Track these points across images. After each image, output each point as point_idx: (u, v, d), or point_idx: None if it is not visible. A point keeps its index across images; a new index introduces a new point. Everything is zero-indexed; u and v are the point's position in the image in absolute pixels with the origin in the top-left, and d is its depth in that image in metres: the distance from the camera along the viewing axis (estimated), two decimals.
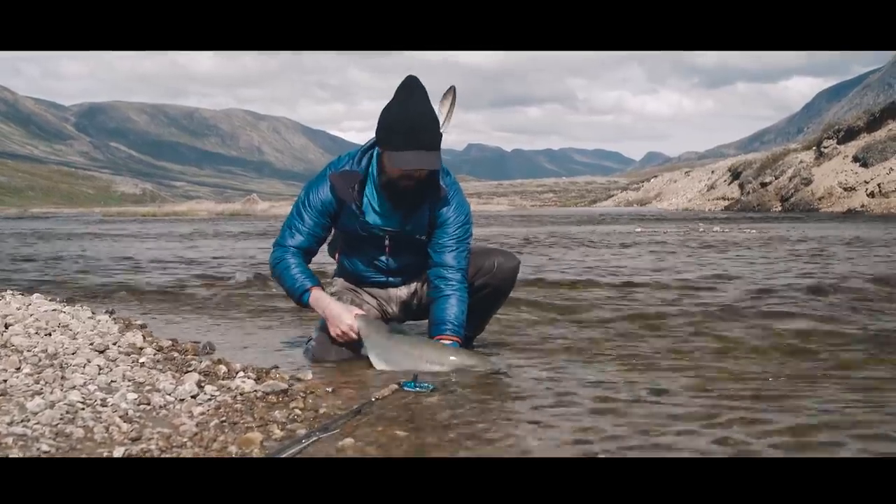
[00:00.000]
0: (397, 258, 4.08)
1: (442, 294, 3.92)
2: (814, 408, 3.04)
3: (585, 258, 11.11)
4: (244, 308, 6.23)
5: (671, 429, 2.77)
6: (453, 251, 3.97)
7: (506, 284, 4.24)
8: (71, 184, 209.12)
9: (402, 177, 3.78)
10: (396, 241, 4.01)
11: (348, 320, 3.87)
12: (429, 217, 3.97)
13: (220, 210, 54.67)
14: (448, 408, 3.09)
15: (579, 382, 3.54)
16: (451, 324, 3.86)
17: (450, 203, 3.98)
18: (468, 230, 4.05)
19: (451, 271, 3.94)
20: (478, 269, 4.11)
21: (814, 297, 6.27)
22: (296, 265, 4.00)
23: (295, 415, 2.94)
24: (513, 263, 4.22)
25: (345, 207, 3.95)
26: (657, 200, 63.02)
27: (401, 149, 3.68)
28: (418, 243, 4.02)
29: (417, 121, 3.67)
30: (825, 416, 2.90)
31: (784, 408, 3.04)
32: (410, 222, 3.96)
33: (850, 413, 2.96)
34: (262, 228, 25.19)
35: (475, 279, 4.10)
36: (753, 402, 3.13)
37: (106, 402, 2.94)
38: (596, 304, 6.06)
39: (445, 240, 3.97)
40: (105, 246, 15.58)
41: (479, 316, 4.29)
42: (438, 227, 3.98)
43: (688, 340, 4.64)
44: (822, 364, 3.93)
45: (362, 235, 4.00)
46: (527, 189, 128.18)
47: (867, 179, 33.06)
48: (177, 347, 4.11)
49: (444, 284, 3.93)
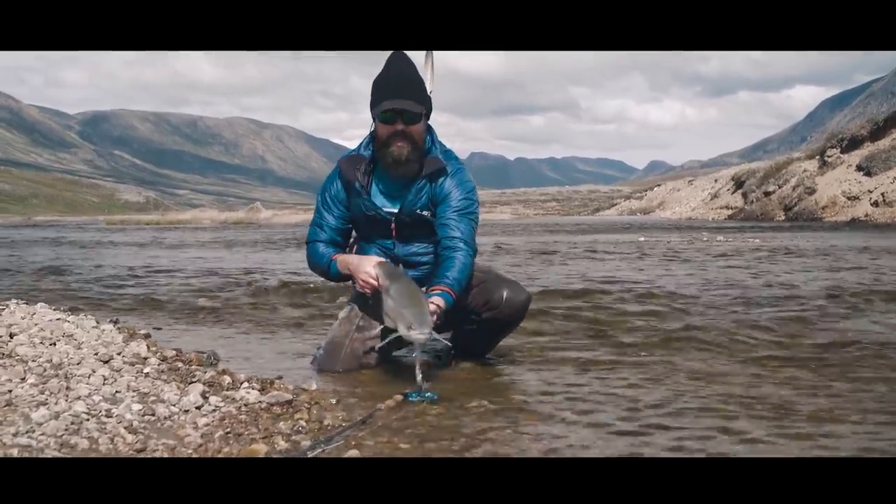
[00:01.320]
0: (406, 244, 4.06)
1: (446, 257, 3.89)
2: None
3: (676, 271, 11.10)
4: (249, 318, 6.23)
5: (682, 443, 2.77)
6: (458, 222, 3.94)
7: (514, 319, 4.18)
8: (74, 192, 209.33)
9: (390, 136, 3.88)
10: (401, 224, 4.02)
11: (367, 268, 3.86)
12: (429, 191, 3.99)
13: (224, 218, 54.68)
14: (452, 418, 3.10)
15: (587, 393, 3.54)
16: (448, 278, 3.79)
17: (452, 177, 4.01)
18: (470, 204, 4.02)
19: (456, 241, 3.90)
20: (486, 302, 4.06)
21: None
22: (322, 247, 4.12)
23: (300, 426, 2.94)
24: (522, 297, 4.12)
25: (352, 190, 4.04)
26: (660, 209, 62.96)
27: (381, 100, 3.87)
28: (425, 225, 4.01)
29: (396, 74, 3.91)
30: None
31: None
32: (409, 196, 3.98)
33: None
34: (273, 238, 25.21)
35: (483, 311, 4.07)
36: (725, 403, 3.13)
37: (111, 413, 2.94)
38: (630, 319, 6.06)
39: (448, 212, 3.96)
40: (146, 254, 15.60)
41: (488, 341, 4.31)
42: (441, 202, 3.99)
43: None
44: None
45: (368, 217, 4.03)
46: (530, 198, 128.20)
47: (871, 188, 33.01)
48: (181, 357, 4.11)
49: (450, 252, 3.89)
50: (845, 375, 3.92)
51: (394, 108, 3.85)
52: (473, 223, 4.02)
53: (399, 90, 3.87)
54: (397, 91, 3.87)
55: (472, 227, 4.00)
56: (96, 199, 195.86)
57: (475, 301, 4.06)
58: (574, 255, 13.50)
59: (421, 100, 3.93)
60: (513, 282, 4.20)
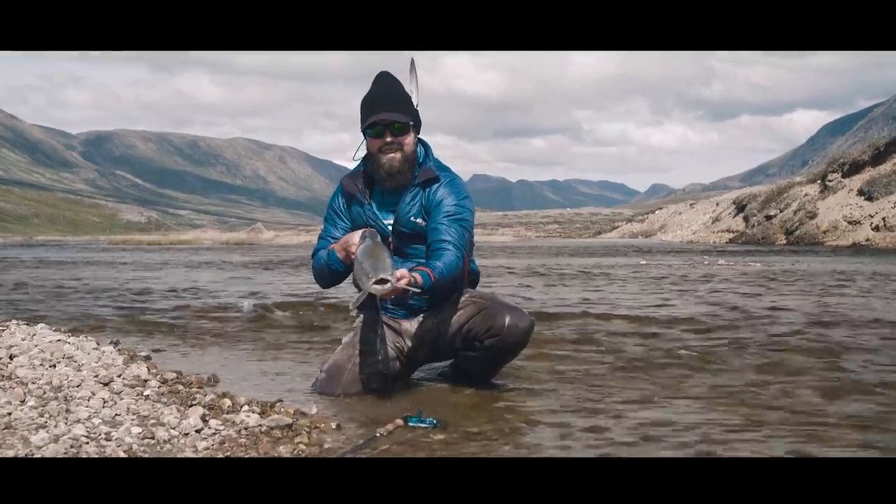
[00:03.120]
0: (405, 260, 4.01)
1: (434, 256, 3.88)
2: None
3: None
4: (251, 340, 6.22)
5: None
6: (447, 228, 3.93)
7: (516, 346, 4.11)
8: (76, 211, 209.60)
9: (381, 148, 3.97)
10: (399, 236, 4.05)
11: (353, 238, 3.88)
12: (421, 198, 4.03)
13: (226, 239, 54.68)
14: (452, 444, 3.09)
15: (587, 418, 3.53)
16: (430, 265, 3.78)
17: (442, 184, 4.06)
18: (462, 211, 4.02)
19: (446, 243, 3.89)
20: (488, 329, 3.99)
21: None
22: (321, 249, 4.14)
23: (300, 450, 2.94)
24: (524, 324, 4.03)
25: (353, 203, 4.14)
26: (662, 232, 62.97)
27: (367, 116, 3.98)
28: (421, 238, 4.03)
29: (380, 90, 4.03)
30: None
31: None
32: (402, 207, 4.02)
33: None
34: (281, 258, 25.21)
35: (485, 338, 4.01)
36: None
37: (110, 436, 2.93)
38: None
39: (440, 216, 3.98)
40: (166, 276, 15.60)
41: (489, 369, 4.28)
42: (433, 209, 4.01)
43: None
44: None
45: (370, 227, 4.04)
46: (531, 220, 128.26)
47: (872, 213, 33.03)
48: (181, 380, 4.10)
49: (438, 252, 3.89)
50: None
51: (379, 120, 3.94)
52: (465, 230, 4.01)
53: (384, 103, 3.97)
54: (383, 105, 3.97)
55: (462, 233, 3.98)
56: (98, 219, 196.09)
57: (477, 328, 4.01)
58: (574, 276, 13.50)
59: (406, 111, 4.02)
60: (515, 308, 4.13)
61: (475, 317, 4.03)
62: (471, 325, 4.02)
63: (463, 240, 3.96)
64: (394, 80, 4.08)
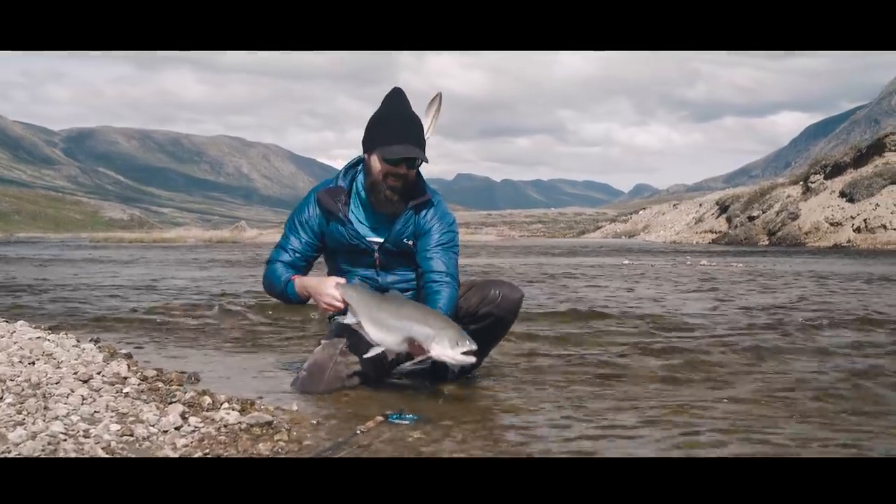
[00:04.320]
0: (389, 274, 4.10)
1: (432, 291, 3.95)
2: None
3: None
4: (232, 337, 6.20)
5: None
6: (441, 256, 4.01)
7: (509, 315, 4.25)
8: (58, 209, 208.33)
9: (388, 174, 3.91)
10: (385, 253, 4.06)
11: (330, 290, 3.89)
12: (413, 222, 4.04)
13: (209, 237, 54.50)
14: (433, 441, 3.09)
15: (569, 415, 3.53)
16: (441, 308, 3.85)
17: (433, 210, 4.07)
18: (453, 237, 4.11)
19: (440, 274, 3.98)
20: (482, 299, 4.15)
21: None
22: (280, 267, 4.12)
23: (279, 447, 2.93)
24: (516, 296, 4.23)
25: (332, 220, 4.06)
26: (645, 233, 63.15)
27: (391, 143, 3.87)
28: (408, 256, 4.06)
29: (405, 118, 3.94)
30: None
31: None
32: (394, 228, 4.02)
33: None
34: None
35: (479, 308, 4.14)
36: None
37: (89, 434, 2.92)
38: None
39: (431, 246, 4.03)
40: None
41: (480, 347, 4.29)
42: (423, 235, 4.05)
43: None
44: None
45: (351, 248, 4.05)
46: (515, 219, 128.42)
47: (853, 215, 33.23)
48: (161, 377, 4.08)
49: (436, 286, 3.96)
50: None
51: (407, 157, 3.89)
52: (456, 256, 4.11)
53: (408, 135, 3.91)
54: (408, 136, 3.90)
55: (455, 261, 4.09)
56: (80, 217, 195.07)
57: (470, 301, 4.14)
58: (560, 277, 13.53)
59: (424, 144, 3.99)
60: (506, 282, 4.32)
61: (467, 293, 4.16)
62: (462, 302, 4.11)
63: (456, 268, 4.07)
64: (409, 105, 4.01)
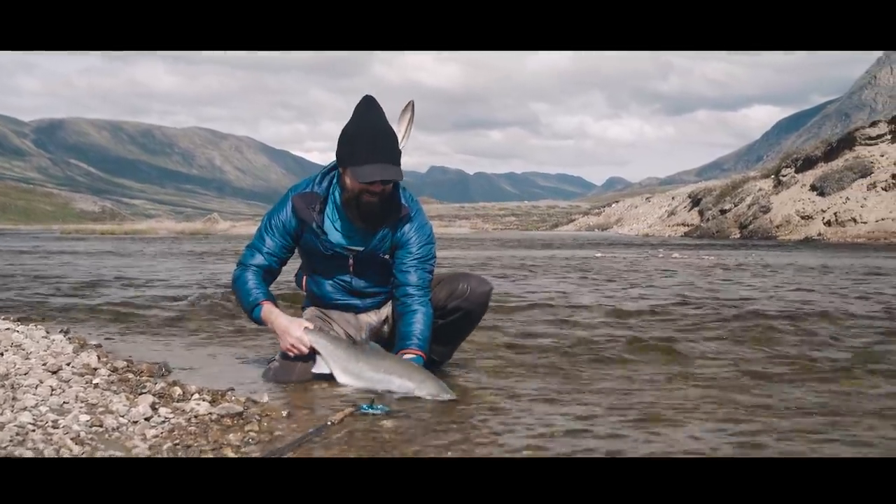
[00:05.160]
0: (362, 278, 4.10)
1: (408, 310, 3.96)
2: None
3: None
4: (204, 329, 6.18)
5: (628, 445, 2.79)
6: (417, 270, 4.01)
7: (478, 308, 4.24)
8: (28, 200, 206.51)
9: (364, 192, 3.81)
10: (360, 261, 4.04)
11: (296, 332, 3.89)
12: (391, 236, 4.01)
13: (181, 229, 54.25)
14: (403, 431, 3.09)
15: (539, 407, 3.55)
16: (417, 338, 3.89)
17: (412, 222, 4.03)
18: (430, 250, 4.10)
19: (415, 289, 3.98)
20: (450, 293, 4.13)
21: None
22: (252, 281, 4.07)
23: (250, 437, 2.92)
24: (485, 288, 4.22)
25: (307, 228, 4.00)
26: (618, 226, 63.47)
27: (363, 163, 3.74)
28: (382, 263, 4.05)
29: (377, 135, 3.78)
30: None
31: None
32: (373, 241, 3.99)
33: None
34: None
35: (448, 302, 4.12)
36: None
37: (58, 424, 2.90)
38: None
39: (409, 259, 4.01)
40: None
41: (450, 341, 4.33)
42: (401, 247, 4.03)
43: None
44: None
45: (326, 255, 4.03)
46: (489, 212, 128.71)
47: (824, 208, 33.56)
48: (132, 368, 4.06)
49: (410, 301, 3.97)
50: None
51: (383, 182, 3.79)
52: (431, 270, 4.10)
53: (381, 153, 3.76)
54: (381, 154, 3.76)
55: (429, 278, 4.08)
56: (50, 208, 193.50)
57: (438, 296, 4.12)
58: (532, 268, 13.56)
59: (398, 158, 3.87)
60: (475, 275, 4.32)
61: (435, 287, 4.14)
62: (432, 296, 4.09)
63: (429, 282, 4.07)
64: (383, 116, 3.86)
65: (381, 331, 4.24)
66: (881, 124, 37.09)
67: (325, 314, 4.21)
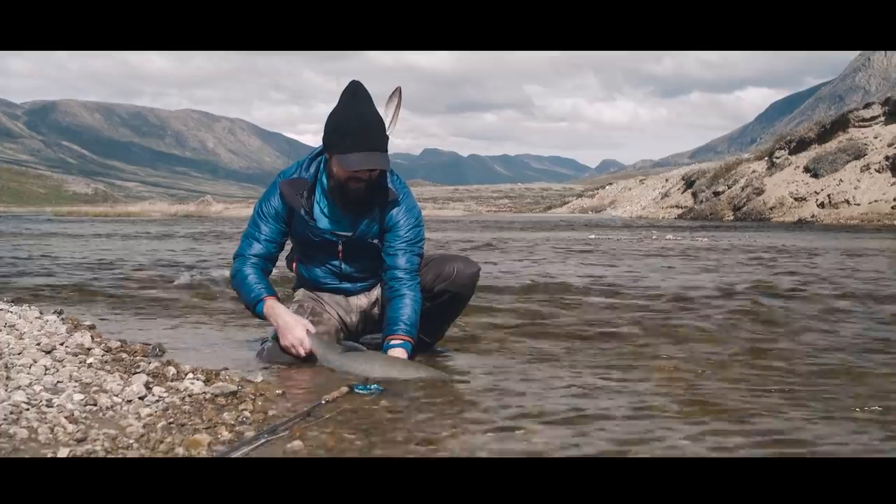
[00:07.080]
0: (351, 263, 4.11)
1: (396, 294, 3.96)
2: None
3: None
4: (197, 309, 6.18)
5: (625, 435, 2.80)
6: (406, 254, 4.00)
7: (465, 290, 4.25)
8: (21, 182, 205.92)
9: (350, 179, 3.81)
10: (349, 245, 4.04)
11: (299, 333, 3.88)
12: (379, 220, 4.01)
13: (174, 211, 54.15)
14: (398, 410, 3.10)
15: (531, 387, 3.56)
16: (404, 324, 3.89)
17: (400, 205, 4.02)
18: (419, 233, 4.09)
19: (404, 272, 3.97)
20: (437, 275, 4.14)
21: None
22: (253, 275, 4.05)
23: (244, 417, 2.93)
24: (472, 270, 4.22)
25: (295, 214, 4.00)
26: (612, 208, 63.46)
27: (349, 151, 3.73)
28: (371, 247, 4.05)
29: (364, 122, 3.76)
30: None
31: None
32: (361, 226, 3.99)
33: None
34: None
35: (435, 284, 4.12)
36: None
37: (52, 403, 2.90)
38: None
39: (397, 243, 4.00)
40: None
41: (439, 322, 4.33)
42: (389, 231, 4.02)
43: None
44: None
45: (315, 241, 4.03)
46: (482, 195, 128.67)
47: (818, 190, 33.60)
48: (126, 348, 4.05)
49: (398, 285, 3.96)
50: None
51: (372, 169, 3.79)
52: (420, 253, 4.09)
53: (368, 140, 3.74)
54: (367, 142, 3.74)
55: (419, 258, 4.07)
56: (43, 190, 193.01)
57: (425, 278, 4.11)
58: (520, 249, 13.57)
59: (385, 145, 3.85)
60: (462, 257, 4.32)
61: (423, 269, 4.13)
62: (420, 277, 4.09)
63: (418, 265, 4.05)
64: (370, 103, 3.84)
65: (372, 313, 4.25)
66: (875, 106, 37.13)
67: (317, 296, 4.21)
